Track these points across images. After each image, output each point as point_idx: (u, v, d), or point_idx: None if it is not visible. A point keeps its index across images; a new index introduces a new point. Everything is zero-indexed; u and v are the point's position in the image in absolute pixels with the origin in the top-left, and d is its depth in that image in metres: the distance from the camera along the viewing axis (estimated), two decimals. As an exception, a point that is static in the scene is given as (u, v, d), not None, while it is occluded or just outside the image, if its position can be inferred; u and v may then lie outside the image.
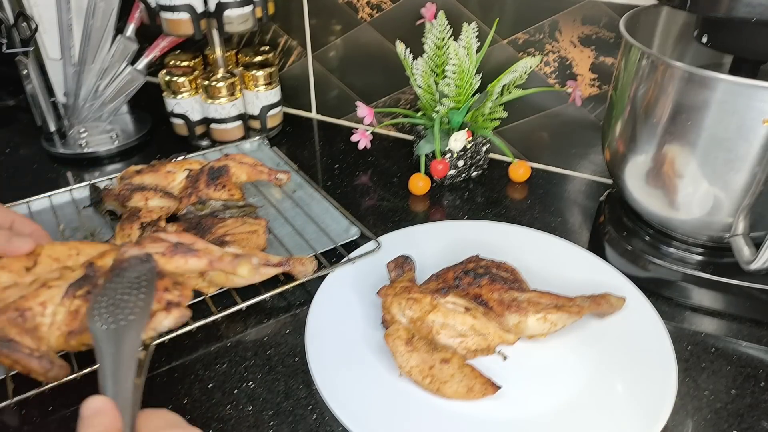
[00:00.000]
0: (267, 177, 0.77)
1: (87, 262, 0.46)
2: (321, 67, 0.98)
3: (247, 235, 0.64)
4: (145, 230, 0.61)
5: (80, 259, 0.47)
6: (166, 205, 0.67)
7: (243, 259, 0.50)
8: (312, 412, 0.51)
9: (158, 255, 0.46)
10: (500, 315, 0.54)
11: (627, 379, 0.52)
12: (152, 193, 0.67)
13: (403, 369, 0.51)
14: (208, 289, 0.61)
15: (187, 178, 0.72)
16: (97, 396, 0.36)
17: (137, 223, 0.62)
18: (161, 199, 0.67)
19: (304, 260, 0.61)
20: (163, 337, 0.54)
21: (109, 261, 0.46)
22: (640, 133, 0.58)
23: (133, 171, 0.71)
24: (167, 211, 0.67)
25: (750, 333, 0.59)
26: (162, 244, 0.47)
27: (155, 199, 0.66)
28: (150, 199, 0.66)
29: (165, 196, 0.67)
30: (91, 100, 0.89)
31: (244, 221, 0.65)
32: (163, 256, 0.46)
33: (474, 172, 0.85)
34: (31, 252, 0.46)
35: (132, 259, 0.44)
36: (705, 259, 0.61)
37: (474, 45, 0.77)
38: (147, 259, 0.44)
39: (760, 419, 0.50)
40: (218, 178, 0.71)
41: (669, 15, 0.66)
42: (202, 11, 0.82)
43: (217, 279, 0.59)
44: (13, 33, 0.83)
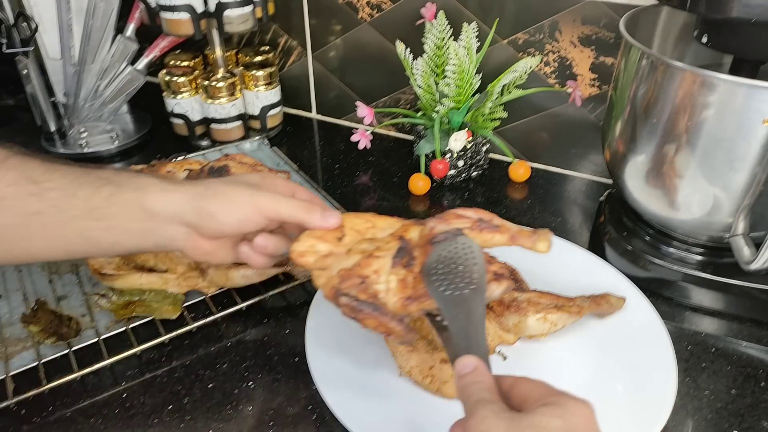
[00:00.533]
0: None
1: (396, 235, 0.48)
2: (321, 67, 0.98)
3: None
4: None
5: (376, 232, 0.49)
6: None
7: (541, 236, 0.48)
8: (312, 412, 0.51)
9: (467, 230, 0.46)
10: (500, 315, 0.54)
11: (627, 379, 0.52)
12: None
13: (403, 369, 0.51)
14: (208, 289, 0.61)
15: (187, 178, 0.72)
16: (468, 356, 0.37)
17: None
18: None
19: None
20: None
21: (414, 234, 0.47)
22: (640, 133, 0.58)
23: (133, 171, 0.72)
24: None
25: (750, 333, 0.59)
26: (465, 220, 0.47)
27: None
28: None
29: None
30: (91, 100, 0.89)
31: None
32: (471, 230, 0.47)
33: (474, 172, 0.85)
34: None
35: (446, 233, 0.45)
36: (705, 259, 0.61)
37: (474, 45, 0.77)
38: (458, 233, 0.45)
39: (760, 419, 0.50)
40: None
41: (669, 15, 0.66)
42: (202, 11, 0.82)
43: (217, 279, 0.59)
44: (13, 33, 0.83)
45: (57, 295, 0.61)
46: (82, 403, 0.52)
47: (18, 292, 0.62)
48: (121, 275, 0.60)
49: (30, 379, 0.52)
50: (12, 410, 0.51)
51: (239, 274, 0.60)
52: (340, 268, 0.46)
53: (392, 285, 0.45)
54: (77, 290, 0.62)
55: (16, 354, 0.55)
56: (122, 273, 0.60)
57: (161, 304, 0.59)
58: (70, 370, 0.53)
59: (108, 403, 0.52)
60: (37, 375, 0.52)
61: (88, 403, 0.52)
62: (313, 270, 0.47)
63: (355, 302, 0.44)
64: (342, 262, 0.46)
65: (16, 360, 0.54)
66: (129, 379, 0.54)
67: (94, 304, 0.60)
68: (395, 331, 0.44)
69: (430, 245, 0.45)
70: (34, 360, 0.54)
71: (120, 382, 0.53)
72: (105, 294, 0.60)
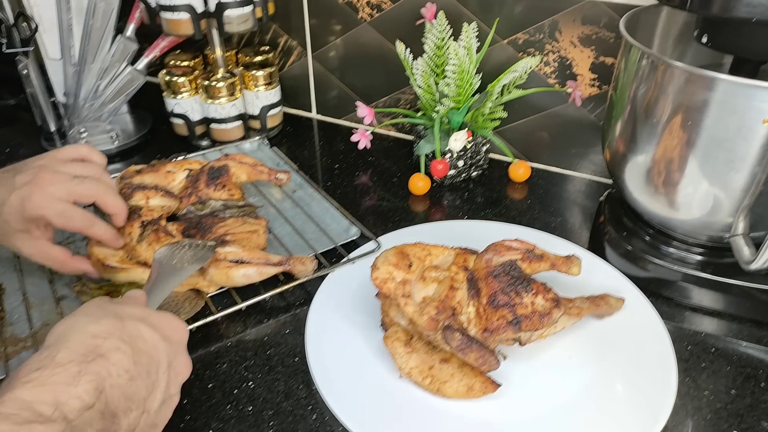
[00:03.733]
0: (267, 177, 0.77)
1: (460, 265, 0.54)
2: (321, 67, 0.98)
3: (247, 234, 0.64)
4: (146, 229, 0.61)
5: (432, 259, 0.54)
6: (166, 204, 0.67)
7: (574, 262, 0.57)
8: (312, 412, 0.51)
9: (519, 261, 0.54)
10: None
11: (627, 379, 0.52)
12: (153, 192, 0.67)
13: (402, 370, 0.51)
14: (208, 289, 0.61)
15: (187, 177, 0.72)
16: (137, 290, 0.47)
17: (138, 222, 0.62)
18: (162, 198, 0.67)
19: (305, 260, 0.62)
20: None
21: (472, 264, 0.54)
22: (640, 133, 0.58)
23: (133, 171, 0.71)
24: (168, 211, 0.67)
25: (750, 333, 0.59)
26: (515, 251, 0.54)
27: (156, 198, 0.66)
28: (151, 198, 0.66)
29: (166, 195, 0.67)
30: (91, 100, 0.89)
31: (245, 221, 0.66)
32: (522, 261, 0.54)
33: (474, 172, 0.85)
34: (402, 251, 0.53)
35: (503, 265, 0.53)
36: (705, 259, 0.61)
37: (474, 45, 0.77)
38: (513, 264, 0.53)
39: (760, 419, 0.50)
40: (218, 178, 0.71)
41: (669, 15, 0.66)
42: (202, 11, 0.82)
43: (217, 278, 0.59)
44: (13, 33, 0.83)
45: (57, 296, 0.61)
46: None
47: (18, 291, 0.62)
48: (124, 269, 0.60)
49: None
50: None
51: (240, 273, 0.60)
52: (422, 296, 0.51)
53: (471, 316, 0.51)
54: (69, 292, 0.62)
55: (15, 354, 0.55)
56: (126, 267, 0.60)
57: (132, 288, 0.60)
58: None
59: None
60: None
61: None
62: (398, 297, 0.51)
63: (466, 340, 0.48)
64: (421, 290, 0.52)
65: (15, 360, 0.54)
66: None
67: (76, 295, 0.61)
68: (492, 364, 0.49)
69: (491, 278, 0.52)
70: None
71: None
72: (85, 284, 0.61)
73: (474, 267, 0.54)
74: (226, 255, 0.60)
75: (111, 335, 0.37)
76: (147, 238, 0.61)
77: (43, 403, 0.31)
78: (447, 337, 0.48)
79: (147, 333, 0.39)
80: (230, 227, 0.64)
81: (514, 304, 0.50)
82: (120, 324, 0.38)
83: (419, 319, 0.49)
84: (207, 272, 0.60)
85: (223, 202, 0.70)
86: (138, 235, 0.61)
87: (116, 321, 0.38)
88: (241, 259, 0.60)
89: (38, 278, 0.64)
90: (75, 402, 0.32)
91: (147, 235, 0.61)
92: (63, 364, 0.34)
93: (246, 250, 0.61)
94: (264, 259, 0.61)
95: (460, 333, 0.48)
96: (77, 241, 0.69)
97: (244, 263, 0.60)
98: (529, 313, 0.50)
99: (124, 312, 0.40)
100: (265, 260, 0.61)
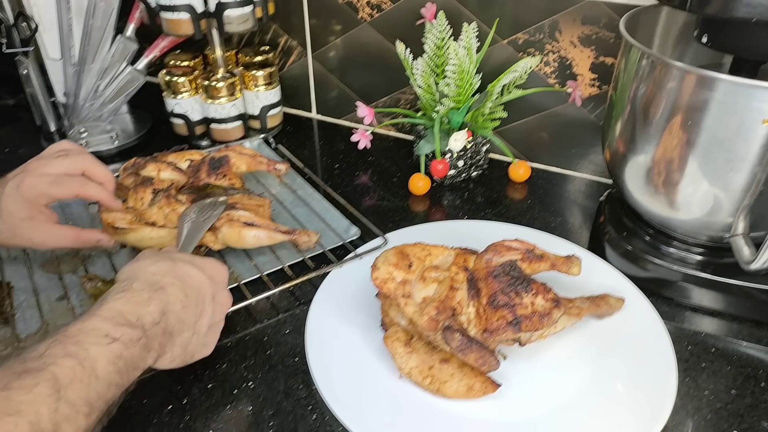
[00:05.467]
0: (266, 167, 0.77)
1: (460, 265, 0.54)
2: (321, 67, 0.98)
3: (255, 207, 0.68)
4: (157, 196, 0.66)
5: (432, 259, 0.54)
6: (176, 178, 0.71)
7: (574, 262, 0.57)
8: (312, 412, 0.51)
9: (519, 261, 0.54)
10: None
11: (627, 379, 0.52)
12: (165, 166, 0.71)
13: (402, 370, 0.51)
14: (215, 246, 0.64)
15: (188, 168, 0.73)
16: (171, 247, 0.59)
17: (150, 189, 0.66)
18: (172, 172, 0.71)
19: (310, 233, 0.66)
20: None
21: (472, 264, 0.55)
22: (640, 133, 0.58)
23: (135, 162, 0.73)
24: (177, 184, 0.70)
25: (750, 333, 0.59)
26: (515, 251, 0.55)
27: (167, 172, 0.71)
28: (162, 170, 0.70)
29: (176, 170, 0.72)
30: (91, 100, 0.89)
31: (251, 197, 0.70)
32: (522, 261, 0.55)
33: (474, 172, 0.85)
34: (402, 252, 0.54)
35: (502, 266, 0.53)
36: (705, 259, 0.61)
37: (474, 45, 0.77)
38: (513, 264, 0.53)
39: (760, 419, 0.50)
40: (219, 168, 0.73)
41: (669, 15, 0.66)
42: (202, 11, 0.82)
43: (229, 237, 0.64)
44: (13, 33, 0.83)
45: (66, 292, 0.61)
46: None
47: (28, 289, 0.62)
48: (132, 229, 0.63)
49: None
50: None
51: (251, 234, 0.64)
52: (422, 296, 0.52)
53: (471, 317, 0.51)
54: (78, 289, 0.62)
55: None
56: (134, 227, 0.63)
57: None
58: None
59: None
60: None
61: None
62: (398, 297, 0.51)
63: (466, 340, 0.49)
64: (421, 290, 0.52)
65: None
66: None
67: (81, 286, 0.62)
68: (492, 365, 0.49)
69: (491, 278, 0.52)
70: None
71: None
72: (92, 278, 0.62)
73: (474, 267, 0.54)
74: (239, 217, 0.64)
75: (167, 273, 0.47)
76: (158, 203, 0.65)
77: (129, 314, 0.42)
78: (447, 337, 0.48)
79: (194, 272, 0.48)
80: (239, 199, 0.68)
81: (514, 305, 0.50)
82: (173, 264, 0.48)
83: (419, 320, 0.49)
84: (219, 230, 0.63)
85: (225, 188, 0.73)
86: (150, 200, 0.65)
87: (170, 262, 0.48)
88: (253, 222, 0.64)
89: (47, 275, 0.64)
90: (149, 317, 0.43)
91: (158, 200, 0.65)
92: (138, 290, 0.44)
93: (257, 217, 0.65)
94: (274, 226, 0.65)
95: (460, 333, 0.48)
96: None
97: (255, 226, 0.64)
98: (529, 314, 0.50)
99: (175, 256, 0.50)
100: (275, 227, 0.65)
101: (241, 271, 0.65)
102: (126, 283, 0.45)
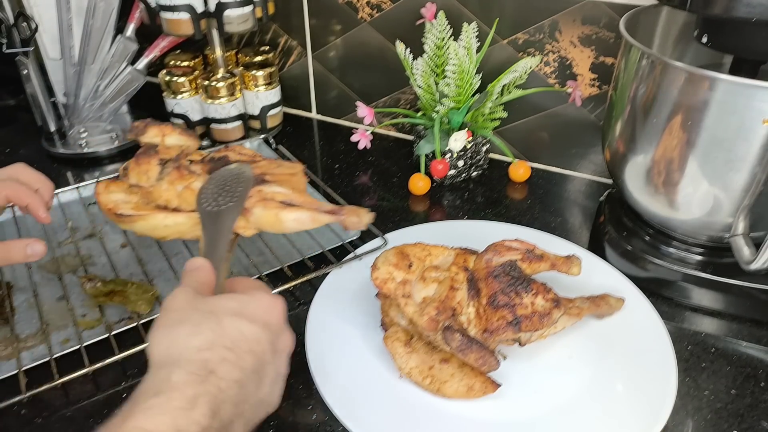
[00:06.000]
0: None
1: (460, 265, 0.53)
2: (321, 67, 0.98)
3: (287, 176, 0.58)
4: (166, 167, 0.52)
5: (432, 259, 0.53)
6: (185, 143, 0.57)
7: (574, 262, 0.56)
8: (312, 412, 0.51)
9: (519, 261, 0.53)
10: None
11: (627, 379, 0.52)
12: (170, 129, 0.56)
13: (402, 371, 0.51)
14: (246, 232, 0.52)
15: None
16: (198, 258, 0.45)
17: (156, 159, 0.53)
18: (180, 136, 0.57)
19: (360, 211, 0.52)
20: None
21: (472, 264, 0.54)
22: (640, 133, 0.58)
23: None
24: (187, 151, 0.57)
25: (750, 333, 0.59)
26: (515, 252, 0.54)
27: (173, 136, 0.56)
28: (168, 135, 0.56)
29: (183, 133, 0.58)
30: (91, 100, 0.89)
31: (280, 164, 0.59)
32: (522, 262, 0.54)
33: (474, 172, 0.85)
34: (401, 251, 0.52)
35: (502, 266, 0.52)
36: (705, 259, 0.61)
37: (474, 45, 0.77)
38: (512, 264, 0.52)
39: (760, 419, 0.50)
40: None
41: (669, 15, 0.66)
42: (202, 11, 0.82)
43: (264, 220, 0.51)
44: (13, 33, 0.83)
45: (66, 292, 0.61)
46: (82, 402, 0.52)
47: (27, 289, 0.62)
48: (141, 215, 0.51)
49: (41, 375, 0.52)
50: (13, 410, 0.51)
51: (291, 216, 0.50)
52: (422, 296, 0.51)
53: (471, 317, 0.51)
54: (78, 289, 0.62)
55: (26, 350, 0.55)
56: (143, 213, 0.51)
57: (138, 298, 0.60)
58: (82, 366, 0.53)
59: (108, 403, 0.52)
60: (40, 373, 0.52)
61: (88, 402, 0.52)
62: (398, 298, 0.51)
63: (466, 340, 0.48)
64: (421, 290, 0.51)
65: (25, 354, 0.55)
66: (129, 379, 0.54)
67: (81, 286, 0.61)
68: (492, 365, 0.49)
69: (491, 278, 0.52)
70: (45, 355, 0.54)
71: (120, 382, 0.53)
72: (92, 278, 0.61)
73: (474, 267, 0.54)
74: (274, 195, 0.50)
75: (214, 345, 0.37)
76: (168, 177, 0.51)
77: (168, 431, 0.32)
78: (447, 337, 0.48)
79: (247, 329, 0.38)
80: (266, 168, 0.55)
81: (514, 305, 0.50)
82: (219, 329, 0.38)
83: (419, 320, 0.49)
84: (251, 212, 0.50)
85: None
86: (157, 174, 0.52)
87: (215, 326, 0.38)
88: (291, 201, 0.51)
89: (47, 275, 0.64)
90: (194, 427, 0.33)
91: (168, 173, 0.51)
92: (179, 387, 0.34)
93: (294, 192, 0.51)
94: (316, 204, 0.51)
95: (460, 333, 0.48)
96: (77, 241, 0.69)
97: (295, 206, 0.50)
98: (529, 314, 0.50)
99: (218, 308, 0.39)
100: (317, 205, 0.51)
101: (238, 271, 0.65)
102: (163, 374, 0.35)
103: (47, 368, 0.52)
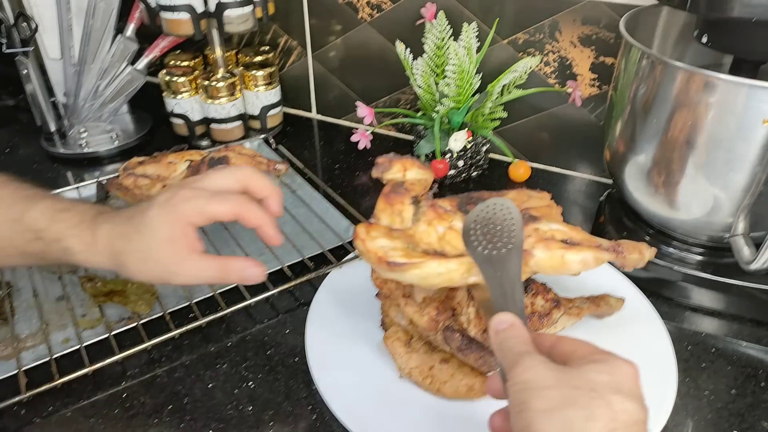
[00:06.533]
0: (266, 168, 0.77)
1: None
2: (321, 67, 0.98)
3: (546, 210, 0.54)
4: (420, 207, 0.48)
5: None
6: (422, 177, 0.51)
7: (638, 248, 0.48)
8: (312, 412, 0.51)
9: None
10: None
11: (627, 379, 0.52)
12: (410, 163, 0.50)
13: (402, 371, 0.51)
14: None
15: (188, 168, 0.72)
16: (504, 313, 0.38)
17: (407, 197, 0.48)
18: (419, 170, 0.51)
19: (641, 247, 0.48)
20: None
21: None
22: (640, 133, 0.58)
23: (135, 162, 0.72)
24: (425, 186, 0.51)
25: (750, 333, 0.59)
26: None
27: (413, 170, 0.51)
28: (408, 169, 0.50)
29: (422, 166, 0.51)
30: (91, 100, 0.89)
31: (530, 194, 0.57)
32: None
33: (474, 172, 0.85)
34: None
35: None
36: (705, 259, 0.61)
37: (474, 45, 0.77)
38: None
39: (760, 419, 0.50)
40: None
41: (669, 15, 0.66)
42: (202, 11, 0.82)
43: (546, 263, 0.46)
44: (13, 33, 0.83)
45: (66, 292, 0.61)
46: (82, 402, 0.52)
47: (28, 289, 0.62)
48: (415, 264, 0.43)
49: (41, 375, 0.52)
50: (12, 410, 0.51)
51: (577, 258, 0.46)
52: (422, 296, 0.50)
53: (471, 317, 0.50)
54: (78, 289, 0.62)
55: (26, 350, 0.55)
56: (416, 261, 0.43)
57: (138, 298, 0.60)
58: (82, 366, 0.53)
59: (108, 403, 0.52)
60: (40, 373, 0.52)
61: (88, 402, 0.52)
62: (398, 298, 0.50)
63: (466, 340, 0.47)
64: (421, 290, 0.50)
65: (26, 353, 0.55)
66: (129, 379, 0.54)
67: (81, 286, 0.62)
68: (492, 365, 0.48)
69: None
70: (45, 355, 0.54)
71: (120, 382, 0.53)
72: (92, 278, 0.62)
73: None
74: (553, 233, 0.46)
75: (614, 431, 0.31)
76: (424, 217, 0.46)
77: None
78: (447, 337, 0.48)
79: (631, 408, 0.32)
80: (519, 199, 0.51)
81: None
82: (611, 412, 0.32)
83: (419, 320, 0.49)
84: (531, 255, 0.45)
85: None
86: (411, 214, 0.47)
87: (606, 408, 0.32)
88: (571, 239, 0.46)
89: (47, 275, 0.64)
90: None
91: (422, 211, 0.47)
92: None
93: (570, 229, 0.47)
94: (594, 242, 0.47)
95: (460, 334, 0.48)
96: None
97: (576, 245, 0.46)
98: (529, 314, 0.50)
99: (597, 385, 0.33)
100: (596, 243, 0.47)
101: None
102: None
103: (47, 368, 0.52)
